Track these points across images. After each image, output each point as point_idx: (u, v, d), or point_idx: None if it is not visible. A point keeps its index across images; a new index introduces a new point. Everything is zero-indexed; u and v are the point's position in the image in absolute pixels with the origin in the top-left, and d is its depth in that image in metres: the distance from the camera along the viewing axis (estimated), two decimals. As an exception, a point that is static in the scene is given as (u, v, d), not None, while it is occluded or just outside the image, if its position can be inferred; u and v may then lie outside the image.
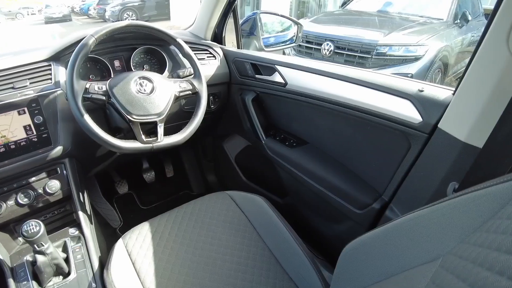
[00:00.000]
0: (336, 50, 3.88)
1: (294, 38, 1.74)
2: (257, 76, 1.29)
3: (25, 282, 0.95)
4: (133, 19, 10.41)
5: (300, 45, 4.19)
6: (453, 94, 0.80)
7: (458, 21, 4.13)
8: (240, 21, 1.56)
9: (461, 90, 0.76)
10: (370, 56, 3.67)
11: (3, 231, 1.08)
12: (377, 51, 3.64)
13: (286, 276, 0.93)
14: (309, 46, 4.17)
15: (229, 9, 1.42)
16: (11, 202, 1.04)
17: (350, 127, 1.06)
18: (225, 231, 1.04)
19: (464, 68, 0.75)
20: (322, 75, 1.10)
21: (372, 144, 1.02)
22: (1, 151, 1.00)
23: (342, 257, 0.69)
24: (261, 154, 1.38)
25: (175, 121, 1.26)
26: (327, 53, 3.94)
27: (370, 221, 1.04)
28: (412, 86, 0.90)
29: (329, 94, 1.05)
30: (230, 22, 1.49)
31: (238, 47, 1.52)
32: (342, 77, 1.04)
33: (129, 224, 1.79)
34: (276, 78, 1.22)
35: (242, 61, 1.34)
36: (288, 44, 1.81)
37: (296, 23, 1.73)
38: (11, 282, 0.96)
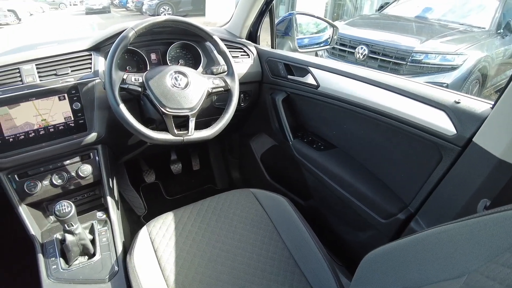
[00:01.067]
0: (370, 55, 3.81)
1: (329, 40, 1.73)
2: (289, 76, 1.29)
3: (53, 258, 1.01)
4: (169, 14, 10.69)
5: (333, 48, 4.14)
6: (492, 107, 0.77)
7: (502, 30, 3.94)
8: (276, 21, 1.56)
9: (501, 104, 0.73)
10: (405, 62, 3.57)
11: (36, 208, 1.14)
12: (413, 58, 3.54)
13: (303, 279, 0.92)
14: (343, 49, 4.12)
15: (266, 8, 1.43)
16: (46, 182, 1.11)
17: (380, 134, 1.04)
18: (246, 227, 1.05)
19: (506, 81, 0.72)
20: (355, 79, 1.08)
21: (402, 153, 1.00)
22: (41, 133, 1.06)
23: (362, 265, 0.68)
24: (287, 154, 1.38)
25: (205, 116, 1.29)
26: (361, 57, 3.88)
27: (393, 231, 1.02)
28: (448, 96, 0.88)
29: (361, 99, 1.04)
30: (265, 21, 1.50)
31: (272, 47, 1.53)
32: (376, 82, 1.02)
33: (153, 212, 1.85)
34: (309, 79, 1.21)
35: (275, 61, 1.34)
36: (322, 46, 1.79)
37: (332, 26, 1.72)
38: (40, 257, 1.02)
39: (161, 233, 1.03)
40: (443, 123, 0.85)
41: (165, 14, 10.75)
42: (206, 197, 1.16)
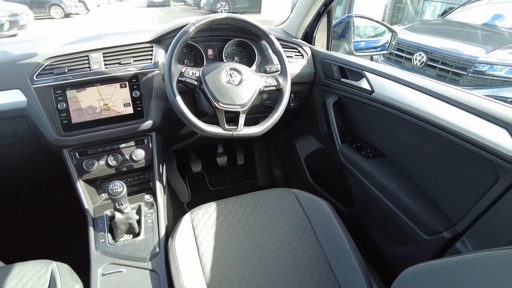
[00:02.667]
0: (428, 62, 3.62)
1: (387, 45, 1.67)
2: (343, 79, 1.27)
3: (102, 233, 1.09)
4: (226, 10, 10.90)
5: (390, 53, 3.98)
6: None
7: None
8: (333, 23, 1.54)
9: None
10: (466, 73, 3.34)
11: (91, 185, 1.24)
12: (475, 68, 3.30)
13: (337, 285, 0.91)
14: (400, 54, 3.95)
15: (324, 10, 1.41)
16: (102, 162, 1.20)
17: (433, 147, 0.99)
18: (285, 227, 1.06)
19: None
20: (412, 88, 1.03)
21: (454, 169, 0.94)
22: (101, 117, 1.14)
23: (400, 280, 0.66)
24: (333, 158, 1.36)
25: (254, 114, 1.31)
26: (419, 64, 3.70)
27: (436, 249, 0.97)
28: (511, 113, 0.82)
29: (416, 109, 0.99)
30: (322, 22, 1.48)
31: (327, 48, 1.51)
32: (433, 92, 0.97)
33: (195, 200, 1.92)
34: (363, 84, 1.18)
35: (329, 62, 1.33)
36: (379, 51, 1.74)
37: (391, 30, 1.66)
38: (91, 230, 1.11)
39: (203, 221, 1.06)
40: (504, 141, 0.79)
41: (221, 10, 10.98)
42: (247, 192, 1.18)
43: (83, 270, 1.03)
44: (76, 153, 1.17)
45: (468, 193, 0.90)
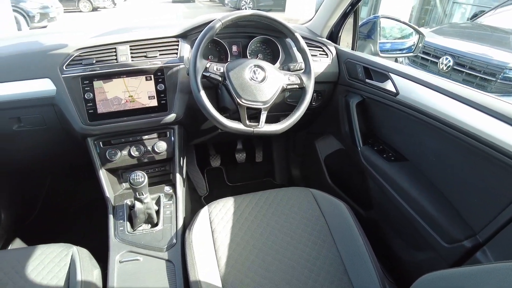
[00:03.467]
0: (455, 67, 3.52)
1: (413, 47, 1.64)
2: (367, 80, 1.25)
3: (121, 221, 1.12)
4: (250, 7, 10.89)
5: (415, 56, 3.90)
6: None
7: None
8: (359, 23, 1.52)
9: None
10: (494, 79, 3.23)
11: (113, 174, 1.27)
12: (505, 74, 3.19)
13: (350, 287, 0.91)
14: (426, 57, 3.86)
15: (351, 10, 1.40)
16: (125, 152, 1.22)
17: (457, 153, 0.96)
18: (301, 226, 1.05)
19: None
20: (438, 92, 1.01)
21: (479, 177, 0.91)
22: (126, 108, 1.16)
23: (417, 286, 0.65)
24: (353, 160, 1.35)
25: (275, 111, 1.30)
26: (445, 68, 3.60)
27: (455, 258, 0.94)
28: None
29: (442, 113, 0.96)
30: (348, 22, 1.47)
31: (352, 49, 1.49)
32: (460, 97, 0.94)
33: (213, 195, 1.94)
34: (388, 86, 1.16)
35: (354, 63, 1.31)
36: (405, 53, 1.71)
37: (418, 32, 1.62)
38: (111, 217, 1.14)
39: (220, 215, 1.08)
40: None
41: (246, 8, 11.00)
42: (264, 190, 1.19)
43: (101, 256, 1.06)
44: (100, 142, 1.20)
45: (492, 202, 0.87)
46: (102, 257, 1.06)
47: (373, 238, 1.08)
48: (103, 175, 1.21)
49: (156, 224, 1.13)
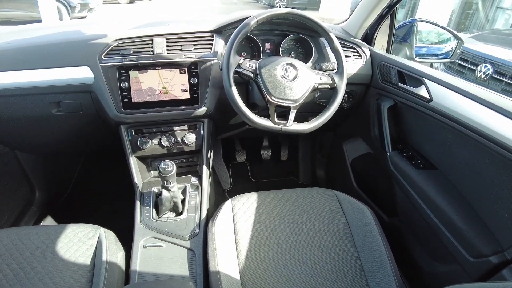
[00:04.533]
0: (494, 75, 3.37)
1: (450, 53, 1.59)
2: (400, 84, 1.22)
3: (147, 207, 1.16)
4: (284, 5, 10.84)
5: (452, 62, 3.76)
6: None
7: None
8: (396, 26, 1.49)
9: None
10: (537, 90, 3.08)
11: (142, 162, 1.32)
12: (549, 86, 3.03)
13: None
14: (463, 64, 3.71)
15: (388, 12, 1.37)
16: (155, 142, 1.26)
17: (491, 165, 0.92)
18: (323, 228, 1.05)
19: None
20: (474, 100, 0.97)
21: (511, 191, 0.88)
22: (159, 99, 1.20)
23: None
24: (380, 165, 1.33)
25: (304, 110, 1.30)
26: (483, 76, 3.45)
27: (480, 273, 0.91)
28: None
29: (477, 123, 0.93)
30: (384, 24, 1.44)
31: (387, 52, 1.46)
32: (498, 108, 0.90)
33: (236, 189, 1.97)
34: (421, 91, 1.13)
35: (388, 66, 1.29)
36: (441, 59, 1.66)
37: (457, 38, 1.57)
38: (138, 203, 1.19)
39: (243, 209, 1.09)
40: None
41: (280, 5, 10.96)
42: (287, 188, 1.19)
43: (125, 240, 1.10)
44: (132, 131, 1.25)
45: None
46: (126, 240, 1.10)
47: (394, 245, 1.07)
48: (133, 162, 1.26)
49: (181, 213, 1.16)
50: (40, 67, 1.18)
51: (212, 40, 1.23)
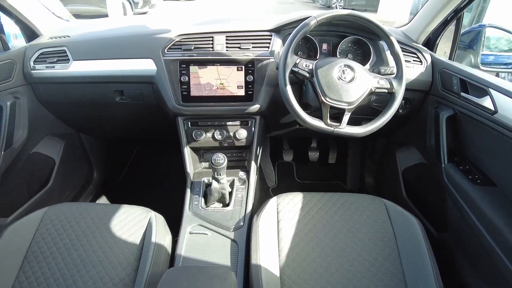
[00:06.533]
0: None
1: (522, 62, 1.48)
2: (462, 94, 1.16)
3: (196, 196, 1.23)
4: (341, 6, 10.61)
5: (521, 72, 3.47)
6: None
7: None
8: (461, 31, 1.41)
9: None
10: None
11: (195, 153, 1.38)
12: None
13: None
14: (534, 76, 3.42)
15: (454, 17, 1.30)
16: (209, 134, 1.32)
17: None
18: (368, 235, 1.03)
19: None
20: None
21: None
22: (216, 95, 1.25)
23: None
24: (434, 177, 1.27)
25: (358, 114, 1.28)
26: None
27: None
28: None
29: None
30: (448, 30, 1.37)
31: (449, 58, 1.39)
32: None
33: (280, 188, 1.99)
34: (485, 102, 1.07)
35: (450, 73, 1.22)
36: (510, 68, 1.55)
37: (532, 46, 1.46)
38: (188, 191, 1.25)
39: (288, 208, 1.10)
40: None
41: (336, 6, 10.75)
42: (333, 192, 1.18)
43: (172, 225, 1.15)
44: (189, 123, 1.31)
45: None
46: (172, 225, 1.15)
47: (442, 262, 1.02)
48: (187, 152, 1.32)
49: (228, 205, 1.20)
50: (108, 58, 1.28)
51: (270, 39, 1.26)
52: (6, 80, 1.26)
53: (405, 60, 1.20)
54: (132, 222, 1.05)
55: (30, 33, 1.41)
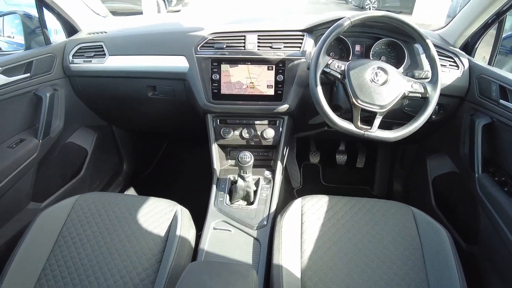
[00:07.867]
0: None
1: None
2: (501, 101, 1.11)
3: (222, 193, 1.24)
4: (374, 7, 10.39)
5: None
6: None
7: None
8: (503, 36, 1.35)
9: None
10: None
11: (222, 150, 1.40)
12: None
13: None
14: None
15: (495, 20, 1.24)
16: (237, 132, 1.33)
17: None
18: (394, 243, 1.00)
19: None
20: None
21: None
22: (246, 93, 1.26)
23: None
24: (466, 186, 1.22)
25: (389, 118, 1.25)
26: None
27: None
28: None
29: None
30: (488, 34, 1.31)
31: (489, 63, 1.33)
32: None
33: (305, 190, 1.98)
34: None
35: (489, 79, 1.17)
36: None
37: None
38: (214, 187, 1.27)
39: (313, 210, 1.09)
40: None
41: (370, 7, 10.53)
42: (360, 197, 1.16)
43: (196, 219, 1.17)
44: (218, 120, 1.33)
45: None
46: (197, 220, 1.17)
47: (470, 275, 0.97)
48: (215, 149, 1.34)
49: (252, 203, 1.21)
50: (142, 54, 1.32)
51: (302, 39, 1.25)
52: (47, 72, 1.33)
53: (441, 64, 1.16)
54: (158, 214, 1.08)
55: (70, 29, 1.48)
